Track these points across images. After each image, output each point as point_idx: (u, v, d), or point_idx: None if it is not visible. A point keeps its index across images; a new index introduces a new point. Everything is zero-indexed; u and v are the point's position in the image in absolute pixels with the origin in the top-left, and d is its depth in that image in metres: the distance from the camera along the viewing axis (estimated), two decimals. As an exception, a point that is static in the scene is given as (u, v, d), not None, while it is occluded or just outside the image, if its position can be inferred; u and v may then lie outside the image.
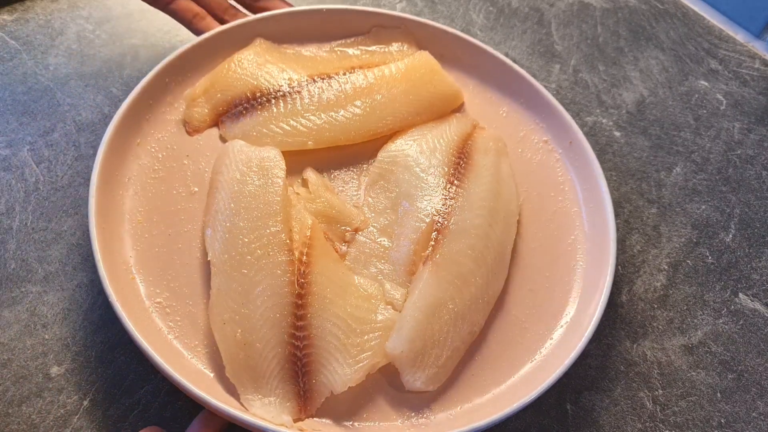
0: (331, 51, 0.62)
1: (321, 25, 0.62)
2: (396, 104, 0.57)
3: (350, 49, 0.62)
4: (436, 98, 0.58)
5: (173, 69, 0.57)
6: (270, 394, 0.43)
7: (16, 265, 0.51)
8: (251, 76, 0.57)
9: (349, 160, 0.56)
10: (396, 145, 0.55)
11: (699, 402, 0.49)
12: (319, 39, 0.62)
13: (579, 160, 0.56)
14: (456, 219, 0.50)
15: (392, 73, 0.58)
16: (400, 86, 0.57)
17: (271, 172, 0.49)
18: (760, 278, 0.56)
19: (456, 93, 0.60)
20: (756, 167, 0.64)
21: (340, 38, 0.62)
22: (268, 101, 0.55)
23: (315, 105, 0.55)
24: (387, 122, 0.56)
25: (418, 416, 0.44)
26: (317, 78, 0.57)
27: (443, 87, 0.59)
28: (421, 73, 0.59)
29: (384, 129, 0.56)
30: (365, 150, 0.55)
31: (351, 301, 0.46)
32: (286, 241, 0.46)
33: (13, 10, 0.69)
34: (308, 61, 0.59)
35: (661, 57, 0.74)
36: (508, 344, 0.48)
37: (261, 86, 0.56)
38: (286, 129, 0.54)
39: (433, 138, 0.56)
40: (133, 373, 0.47)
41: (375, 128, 0.56)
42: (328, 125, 0.54)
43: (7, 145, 0.58)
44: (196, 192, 0.52)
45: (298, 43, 0.62)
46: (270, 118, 0.55)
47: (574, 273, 0.52)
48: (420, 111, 0.57)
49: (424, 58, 0.60)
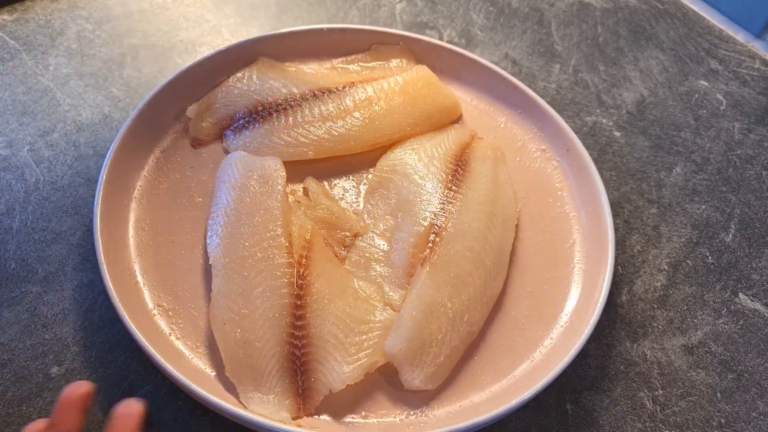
0: (332, 68, 0.63)
1: (322, 43, 0.63)
2: (395, 115, 0.58)
3: (351, 65, 0.63)
4: (434, 110, 0.59)
5: (177, 85, 0.58)
6: (269, 392, 0.43)
7: (16, 265, 0.51)
8: (254, 91, 0.58)
9: (349, 168, 0.57)
10: (395, 154, 0.56)
11: (699, 402, 0.49)
12: (320, 56, 0.64)
13: (576, 165, 0.57)
14: (454, 222, 0.50)
15: (391, 87, 0.59)
16: (398, 99, 0.58)
17: (271, 180, 0.50)
18: (760, 278, 0.56)
19: (454, 104, 0.61)
20: (756, 167, 0.64)
21: (341, 56, 0.64)
22: (270, 114, 0.56)
23: (315, 117, 0.56)
24: (385, 133, 0.57)
25: (416, 414, 0.44)
26: (318, 92, 0.58)
27: (441, 99, 0.60)
28: (419, 86, 0.60)
29: (383, 139, 0.57)
30: (365, 159, 0.56)
31: (350, 302, 0.47)
32: (285, 244, 0.47)
33: (13, 10, 0.69)
34: (309, 77, 0.61)
35: (661, 57, 0.74)
36: (507, 344, 0.48)
37: (263, 101, 0.57)
38: (287, 140, 0.55)
39: (431, 147, 0.57)
40: (133, 373, 0.47)
41: (374, 138, 0.57)
42: (328, 136, 0.55)
43: (7, 145, 0.58)
44: (199, 202, 0.53)
45: (299, 61, 0.63)
46: (271, 131, 0.56)
47: (573, 274, 0.52)
48: (418, 122, 0.58)
49: (422, 72, 0.61)
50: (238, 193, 0.50)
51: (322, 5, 0.75)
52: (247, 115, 0.57)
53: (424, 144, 0.57)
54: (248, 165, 0.52)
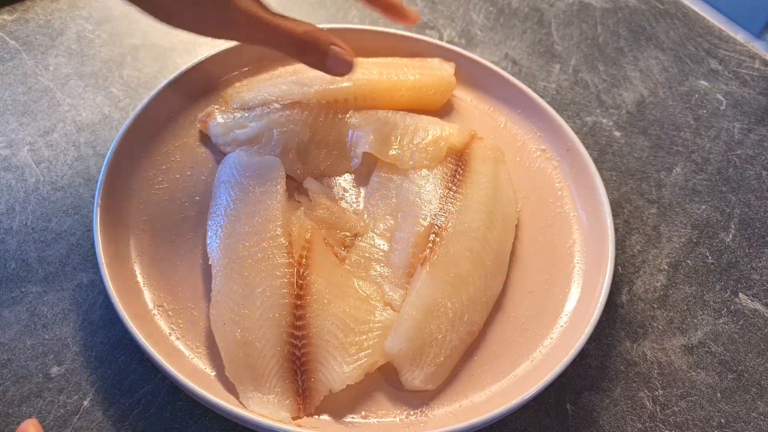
0: None
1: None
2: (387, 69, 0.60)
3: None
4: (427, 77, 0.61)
5: (177, 85, 0.58)
6: (269, 392, 0.43)
7: (16, 265, 0.51)
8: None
9: (349, 168, 0.57)
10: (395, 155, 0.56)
11: (699, 402, 0.49)
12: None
13: (576, 165, 0.57)
14: (454, 222, 0.50)
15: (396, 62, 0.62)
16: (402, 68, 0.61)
17: (271, 179, 0.51)
18: (760, 278, 0.56)
19: (448, 76, 0.62)
20: (756, 167, 0.64)
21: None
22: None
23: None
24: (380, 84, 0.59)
25: (416, 414, 0.44)
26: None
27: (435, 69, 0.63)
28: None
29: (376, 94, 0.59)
30: (365, 160, 0.56)
31: (350, 302, 0.47)
32: (285, 244, 0.47)
33: (13, 10, 0.69)
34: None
35: (661, 57, 0.74)
36: (507, 344, 0.48)
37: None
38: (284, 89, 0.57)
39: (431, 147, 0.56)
40: (133, 373, 0.47)
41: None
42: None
43: (7, 145, 0.58)
44: (199, 201, 0.53)
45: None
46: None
47: (573, 274, 0.52)
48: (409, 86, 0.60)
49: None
50: (238, 193, 0.50)
51: (322, 5, 0.75)
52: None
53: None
54: (248, 165, 0.52)
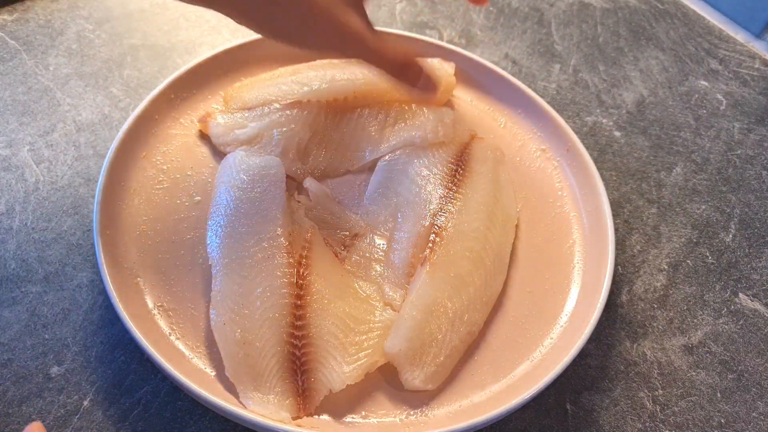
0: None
1: None
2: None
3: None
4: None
5: (177, 85, 0.58)
6: (269, 392, 0.43)
7: (16, 265, 0.51)
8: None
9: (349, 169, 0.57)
10: (395, 155, 0.56)
11: (699, 402, 0.49)
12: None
13: (576, 165, 0.57)
14: (454, 222, 0.50)
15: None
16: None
17: (271, 180, 0.50)
18: (760, 278, 0.56)
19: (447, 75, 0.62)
20: (756, 167, 0.64)
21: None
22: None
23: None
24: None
25: (416, 414, 0.44)
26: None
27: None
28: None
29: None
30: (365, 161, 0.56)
31: (350, 302, 0.47)
32: (285, 244, 0.47)
33: (13, 10, 0.69)
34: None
35: (661, 57, 0.74)
36: (507, 344, 0.48)
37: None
38: (284, 89, 0.57)
39: (431, 148, 0.56)
40: (133, 373, 0.47)
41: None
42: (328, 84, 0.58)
43: (7, 145, 0.58)
44: (199, 201, 0.53)
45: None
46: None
47: (574, 274, 0.52)
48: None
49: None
50: (238, 193, 0.50)
51: (322, 5, 0.74)
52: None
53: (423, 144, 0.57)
54: (248, 165, 0.52)
